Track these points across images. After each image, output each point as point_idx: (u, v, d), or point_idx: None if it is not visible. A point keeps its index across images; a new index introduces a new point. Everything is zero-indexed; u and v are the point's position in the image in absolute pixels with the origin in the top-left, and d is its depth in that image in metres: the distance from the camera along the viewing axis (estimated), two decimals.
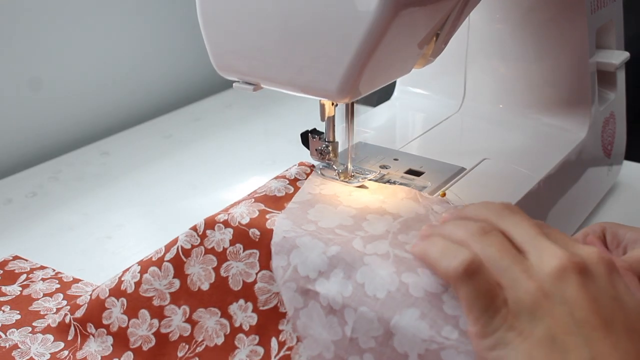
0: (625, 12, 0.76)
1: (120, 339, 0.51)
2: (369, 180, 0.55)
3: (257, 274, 0.47)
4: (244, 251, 0.48)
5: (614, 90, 0.73)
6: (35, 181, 0.81)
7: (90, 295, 0.53)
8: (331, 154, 0.55)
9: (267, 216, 0.49)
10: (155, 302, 0.51)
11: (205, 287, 0.49)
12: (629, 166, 0.81)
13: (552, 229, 0.42)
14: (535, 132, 0.68)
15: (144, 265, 0.51)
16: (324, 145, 0.55)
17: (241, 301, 0.48)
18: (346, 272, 0.44)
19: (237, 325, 0.48)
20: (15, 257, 0.64)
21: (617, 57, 0.70)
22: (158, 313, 0.51)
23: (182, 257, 0.50)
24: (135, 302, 0.51)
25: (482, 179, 0.59)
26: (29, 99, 0.87)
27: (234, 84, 0.51)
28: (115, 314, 0.52)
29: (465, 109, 0.73)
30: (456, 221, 0.43)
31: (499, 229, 0.41)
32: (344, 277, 0.44)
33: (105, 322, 0.52)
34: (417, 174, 0.59)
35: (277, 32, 0.46)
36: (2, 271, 0.61)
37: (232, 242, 0.49)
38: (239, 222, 0.49)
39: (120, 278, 0.52)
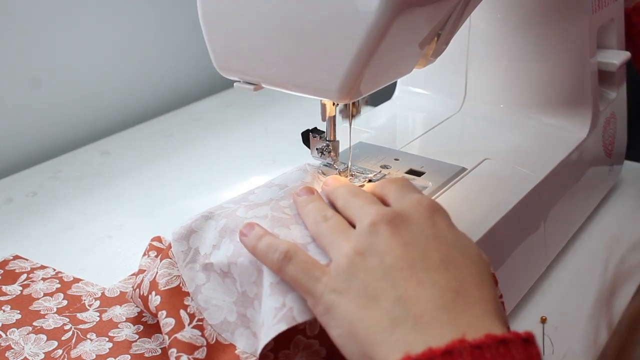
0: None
1: (121, 345, 0.52)
2: (370, 180, 0.55)
3: (157, 266, 0.50)
4: (153, 263, 0.52)
5: (615, 90, 0.73)
6: (36, 181, 0.81)
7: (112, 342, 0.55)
8: (332, 153, 0.55)
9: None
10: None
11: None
12: (629, 166, 0.81)
13: (398, 188, 0.46)
14: (535, 132, 0.68)
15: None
16: (324, 144, 0.55)
17: (150, 296, 0.50)
18: (231, 237, 0.48)
19: (153, 312, 0.50)
20: (16, 257, 0.63)
21: (618, 57, 0.70)
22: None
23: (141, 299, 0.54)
24: (154, 329, 0.54)
25: (482, 179, 0.59)
26: (29, 99, 0.87)
27: (234, 84, 0.51)
28: (127, 332, 0.54)
29: (465, 109, 0.72)
30: (310, 209, 0.47)
31: (342, 211, 0.46)
32: (229, 242, 0.48)
33: (110, 334, 0.54)
34: (418, 174, 0.59)
35: (278, 32, 0.46)
36: (2, 271, 0.61)
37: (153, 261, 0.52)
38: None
39: (141, 314, 0.56)
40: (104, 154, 0.88)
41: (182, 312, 0.48)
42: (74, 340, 0.53)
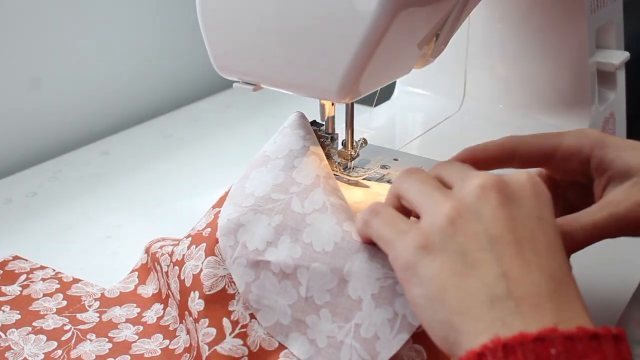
0: (625, 12, 0.76)
1: (120, 346, 0.52)
2: (369, 174, 0.56)
3: (202, 262, 0.49)
4: (196, 248, 0.50)
5: (614, 90, 0.73)
6: (35, 181, 0.81)
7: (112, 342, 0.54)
8: (331, 146, 0.55)
9: (219, 214, 0.50)
10: (171, 327, 0.53)
11: (179, 296, 0.51)
12: None
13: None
14: (534, 132, 0.67)
15: (165, 302, 0.55)
16: (323, 138, 0.55)
17: (192, 294, 0.49)
18: (292, 236, 0.46)
19: (194, 317, 0.49)
20: (15, 257, 0.64)
21: (617, 57, 0.70)
22: (171, 335, 0.53)
23: (165, 280, 0.53)
24: (154, 329, 0.53)
25: None
26: (29, 99, 0.87)
27: (234, 84, 0.51)
28: (126, 332, 0.53)
29: (465, 109, 0.73)
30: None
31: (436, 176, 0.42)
32: (291, 242, 0.46)
33: (110, 334, 0.53)
34: None
35: (277, 32, 0.46)
36: (2, 271, 0.61)
37: (189, 247, 0.51)
38: (197, 230, 0.51)
39: (141, 314, 0.55)
40: (104, 154, 0.88)
41: (225, 320, 0.47)
42: (73, 341, 0.53)
